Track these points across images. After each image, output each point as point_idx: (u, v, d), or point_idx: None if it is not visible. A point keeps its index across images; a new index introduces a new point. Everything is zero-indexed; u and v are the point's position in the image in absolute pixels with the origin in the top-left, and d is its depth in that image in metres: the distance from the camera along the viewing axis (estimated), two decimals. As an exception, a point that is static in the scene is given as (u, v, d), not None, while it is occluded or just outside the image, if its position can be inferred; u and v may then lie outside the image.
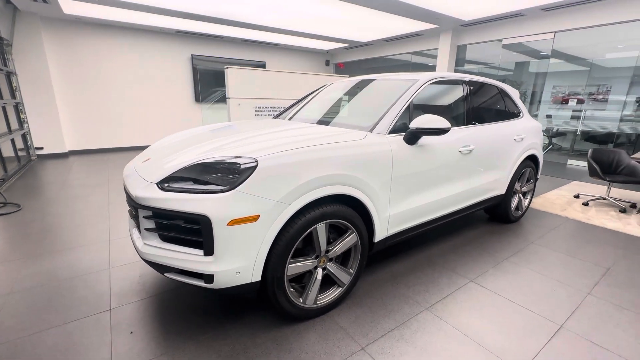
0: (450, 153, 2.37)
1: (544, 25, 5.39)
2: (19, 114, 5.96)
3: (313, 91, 3.25)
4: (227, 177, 1.49)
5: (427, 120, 2.02)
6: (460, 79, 2.68)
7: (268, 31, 7.64)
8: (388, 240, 2.17)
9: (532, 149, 3.26)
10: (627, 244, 2.97)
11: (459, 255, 2.66)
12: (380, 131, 2.04)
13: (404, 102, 2.18)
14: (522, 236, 3.09)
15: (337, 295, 1.93)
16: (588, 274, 2.41)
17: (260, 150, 1.59)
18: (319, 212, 1.68)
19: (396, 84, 2.44)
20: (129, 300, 2.00)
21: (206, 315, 1.87)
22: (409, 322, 1.84)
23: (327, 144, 1.74)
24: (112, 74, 7.10)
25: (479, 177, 2.74)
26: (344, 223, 1.82)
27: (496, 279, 2.31)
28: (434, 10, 5.66)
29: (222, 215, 1.41)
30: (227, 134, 2.12)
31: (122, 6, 5.69)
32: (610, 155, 4.14)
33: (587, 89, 7.81)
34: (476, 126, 2.66)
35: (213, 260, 1.46)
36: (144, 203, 1.54)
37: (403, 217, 2.18)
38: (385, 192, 2.00)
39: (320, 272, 1.82)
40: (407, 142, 2.09)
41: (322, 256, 1.81)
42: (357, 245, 1.94)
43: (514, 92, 3.35)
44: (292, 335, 1.72)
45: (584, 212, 3.79)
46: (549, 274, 2.40)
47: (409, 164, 2.10)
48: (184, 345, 1.64)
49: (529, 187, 3.49)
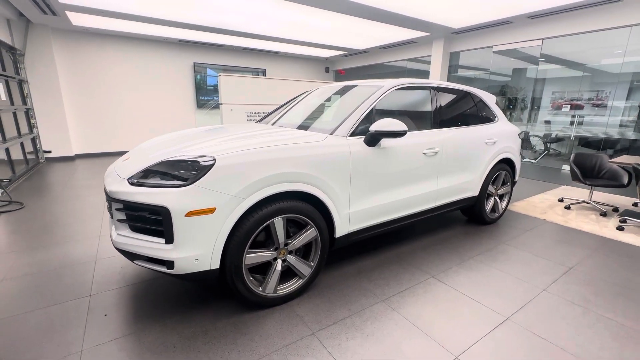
0: (413, 155, 2.50)
1: (532, 33, 5.49)
2: (29, 119, 6.32)
3: (297, 96, 3.43)
4: (187, 173, 1.66)
5: (385, 124, 2.16)
6: (428, 85, 2.82)
7: (268, 40, 7.91)
8: (351, 237, 2.30)
9: (505, 152, 3.35)
10: (598, 245, 3.03)
11: (427, 253, 2.77)
12: (341, 134, 2.19)
13: (367, 107, 2.33)
14: (495, 237, 3.18)
15: (297, 286, 2.06)
16: (549, 272, 2.49)
17: (220, 150, 1.76)
18: (276, 207, 1.83)
19: (365, 90, 2.60)
20: (108, 287, 2.18)
21: (176, 302, 2.03)
22: (362, 312, 1.96)
23: (283, 145, 1.90)
24: (117, 81, 7.46)
25: (448, 178, 2.85)
26: (303, 218, 1.96)
27: (457, 276, 2.41)
28: (424, 20, 5.82)
29: (180, 207, 1.58)
30: (204, 136, 2.30)
31: (128, 18, 6.02)
32: (592, 160, 4.19)
33: (585, 95, 7.83)
34: (443, 129, 2.78)
35: (173, 248, 1.62)
36: (115, 196, 1.72)
37: (365, 214, 2.31)
38: (345, 190, 2.14)
39: (279, 264, 1.96)
40: (368, 144, 2.23)
41: (282, 248, 1.96)
42: (317, 240, 2.08)
43: (489, 98, 3.47)
44: (251, 320, 1.87)
45: (564, 215, 3.84)
46: (511, 271, 2.49)
47: (369, 164, 2.24)
48: (150, 327, 1.80)
49: (505, 190, 3.57)
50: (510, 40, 5.85)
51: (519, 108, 8.21)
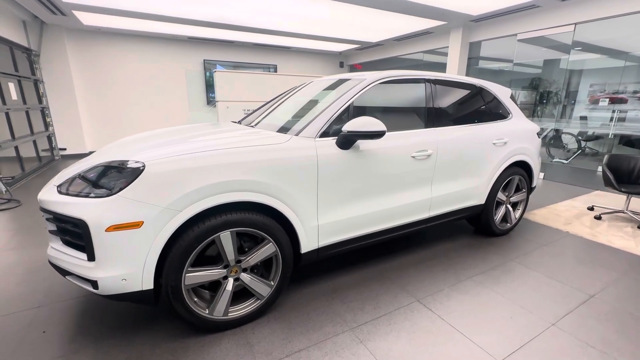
0: (399, 159, 2.17)
1: (562, 17, 4.85)
2: (45, 118, 6.54)
3: (286, 91, 3.16)
4: (111, 182, 1.46)
5: (360, 123, 1.86)
6: (422, 78, 2.45)
7: (278, 35, 7.69)
8: (322, 252, 2.02)
9: (519, 154, 2.91)
10: (630, 267, 2.54)
11: (418, 271, 2.43)
12: (309, 134, 1.91)
13: (342, 104, 2.03)
14: (504, 252, 2.76)
15: (254, 308, 1.82)
16: (563, 301, 2.08)
17: (155, 155, 1.54)
18: (221, 220, 1.60)
19: (348, 84, 2.29)
20: (61, 299, 2.05)
21: (124, 319, 1.85)
22: (323, 343, 1.68)
23: (232, 149, 1.65)
24: (129, 79, 7.57)
25: (445, 184, 2.48)
26: (257, 232, 1.71)
27: (448, 300, 2.06)
28: (439, 7, 5.33)
29: (99, 220, 1.38)
30: (163, 136, 2.10)
31: (134, 16, 6.03)
32: (630, 162, 3.60)
33: (629, 87, 6.97)
34: (439, 129, 2.41)
35: (95, 266, 1.43)
36: (41, 205, 1.56)
37: (339, 227, 2.02)
38: (311, 200, 1.86)
39: (230, 283, 1.73)
40: (341, 147, 1.93)
41: (233, 266, 1.72)
42: (277, 256, 1.82)
43: (502, 92, 3.02)
44: (195, 347, 1.65)
45: (592, 227, 3.32)
46: (515, 297, 2.10)
47: (342, 170, 1.94)
48: (84, 349, 1.63)
49: (519, 197, 3.11)
50: (537, 26, 5.21)
51: (551, 103, 7.46)
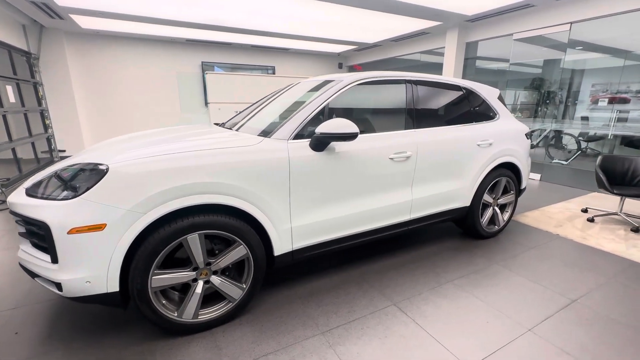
0: (376, 160, 2.14)
1: (558, 16, 4.78)
2: (44, 120, 6.62)
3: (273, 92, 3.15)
4: (75, 184, 1.47)
5: (334, 125, 1.85)
6: (403, 79, 2.42)
7: (276, 37, 7.71)
8: (297, 255, 2.00)
9: (506, 155, 2.86)
10: (618, 270, 2.48)
11: (399, 274, 2.40)
12: (281, 136, 1.90)
13: (316, 105, 2.02)
14: (490, 255, 2.72)
15: (225, 311, 1.81)
16: (543, 305, 2.03)
17: (121, 158, 1.54)
18: (188, 223, 1.59)
19: (328, 85, 2.27)
20: (38, 300, 2.06)
21: (96, 322, 1.85)
22: (292, 347, 1.67)
23: (200, 152, 1.64)
24: (127, 81, 7.63)
25: (426, 186, 2.45)
26: (227, 235, 1.71)
27: (425, 304, 2.03)
28: (433, 7, 5.29)
29: (61, 223, 1.38)
30: (139, 138, 2.10)
31: (135, 20, 6.08)
32: (624, 164, 3.53)
33: (632, 87, 6.86)
34: (420, 130, 2.38)
35: (58, 269, 1.44)
36: (10, 207, 1.57)
37: (315, 229, 2.01)
38: (283, 202, 1.85)
39: (200, 285, 1.72)
40: (315, 149, 1.92)
41: (203, 269, 1.71)
42: (249, 259, 1.81)
43: (489, 92, 2.98)
44: (162, 350, 1.64)
45: (584, 230, 3.25)
46: (493, 302, 2.06)
47: (316, 172, 1.93)
48: (54, 351, 1.63)
49: (507, 200, 3.06)
50: (532, 26, 5.14)
51: (549, 103, 7.36)
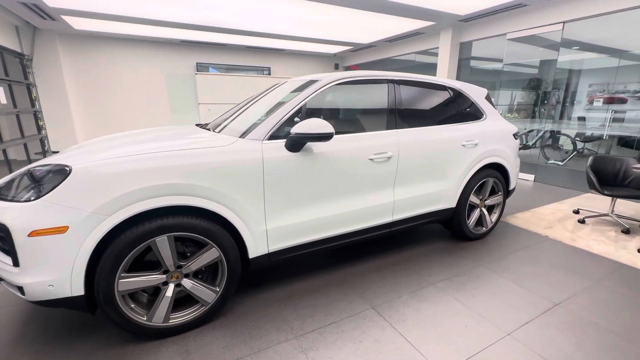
0: (355, 161, 2.11)
1: (550, 16, 4.74)
2: (37, 121, 6.62)
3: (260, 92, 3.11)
4: (38, 186, 1.44)
5: (308, 126, 1.82)
6: (385, 79, 2.39)
7: (270, 37, 7.69)
8: (274, 257, 1.97)
9: (493, 156, 2.82)
10: (606, 273, 2.43)
11: (381, 276, 2.36)
12: (256, 137, 1.86)
13: (293, 105, 1.99)
14: (475, 257, 2.68)
15: (197, 315, 1.78)
16: (525, 309, 1.99)
17: (87, 159, 1.51)
18: (156, 225, 1.56)
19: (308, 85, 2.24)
20: (10, 303, 2.03)
21: (69, 326, 1.82)
22: (264, 352, 1.63)
23: (169, 152, 1.61)
24: (122, 82, 7.63)
25: (409, 187, 2.42)
26: (198, 237, 1.67)
27: (404, 308, 1.99)
28: (426, 7, 5.26)
29: (21, 225, 1.35)
30: (117, 138, 2.08)
31: (128, 21, 6.06)
32: (616, 165, 3.48)
33: (629, 87, 6.82)
34: (401, 130, 2.35)
35: (20, 272, 1.40)
36: (-24, 209, 1.54)
37: (291, 231, 1.97)
38: (257, 203, 1.82)
39: (171, 289, 1.69)
40: (290, 149, 1.89)
41: (174, 271, 1.68)
42: (222, 261, 1.78)
43: (476, 92, 2.95)
44: (132, 354, 1.61)
45: (574, 232, 3.20)
46: (475, 305, 2.02)
47: (292, 173, 1.90)
48: (23, 356, 1.60)
49: (495, 201, 3.02)
50: (525, 25, 5.10)
51: (546, 103, 7.32)
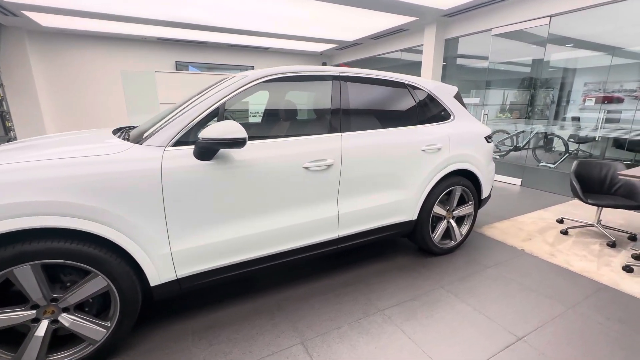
0: (285, 170, 1.81)
1: (536, 9, 4.43)
2: (4, 122, 6.35)
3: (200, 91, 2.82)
4: None
5: (219, 130, 1.53)
6: (329, 75, 2.09)
7: (252, 35, 7.41)
8: (185, 283, 1.68)
9: (460, 162, 2.52)
10: (581, 297, 2.13)
11: (324, 302, 2.06)
12: (157, 143, 1.57)
13: (207, 106, 1.70)
14: (437, 276, 2.38)
15: (85, 354, 1.49)
16: (480, 345, 1.69)
17: None
18: (13, 252, 1.27)
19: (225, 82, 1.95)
20: None
21: None
22: (150, 405, 1.34)
23: (30, 163, 1.32)
24: (95, 81, 7.36)
25: (357, 199, 2.12)
26: (75, 264, 1.38)
27: (339, 343, 1.70)
28: (406, 1, 4.96)
29: None
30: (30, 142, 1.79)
31: (97, 17, 5.80)
32: (602, 170, 3.17)
33: (626, 85, 6.52)
34: (345, 135, 2.05)
35: None
36: None
37: (206, 252, 1.68)
38: (156, 222, 1.53)
39: (44, 326, 1.40)
40: (199, 157, 1.60)
41: (47, 306, 1.39)
42: (113, 291, 1.49)
43: (442, 90, 2.65)
44: (-13, 409, 1.32)
45: (554, 245, 2.90)
46: (422, 339, 1.73)
47: (203, 185, 1.61)
48: None
49: (465, 211, 2.72)
50: (511, 20, 4.80)
51: (537, 103, 7.03)
